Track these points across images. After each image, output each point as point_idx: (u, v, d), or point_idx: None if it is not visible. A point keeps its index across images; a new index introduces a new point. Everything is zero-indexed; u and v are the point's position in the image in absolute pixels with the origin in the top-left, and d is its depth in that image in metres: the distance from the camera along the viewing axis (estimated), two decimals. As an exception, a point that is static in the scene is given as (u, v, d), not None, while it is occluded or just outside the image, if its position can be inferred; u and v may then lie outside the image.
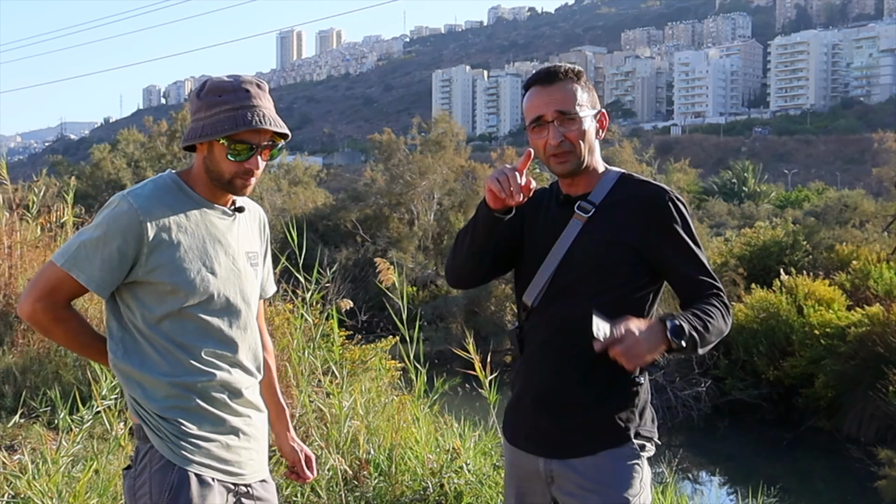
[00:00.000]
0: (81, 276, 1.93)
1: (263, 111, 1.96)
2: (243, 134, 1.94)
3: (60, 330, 2.04)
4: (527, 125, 2.16)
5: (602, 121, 2.19)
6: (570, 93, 2.11)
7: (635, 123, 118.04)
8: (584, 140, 2.12)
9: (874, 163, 37.88)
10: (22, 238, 6.35)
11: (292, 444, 2.34)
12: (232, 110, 1.93)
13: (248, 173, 1.99)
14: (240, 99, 1.95)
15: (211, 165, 1.99)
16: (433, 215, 28.16)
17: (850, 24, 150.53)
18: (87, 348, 2.08)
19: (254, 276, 2.13)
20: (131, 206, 1.93)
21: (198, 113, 1.98)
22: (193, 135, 1.97)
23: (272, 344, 2.36)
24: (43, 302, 1.97)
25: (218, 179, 2.00)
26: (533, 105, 2.14)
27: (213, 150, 1.97)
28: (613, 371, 2.06)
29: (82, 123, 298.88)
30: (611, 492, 2.05)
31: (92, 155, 38.89)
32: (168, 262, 1.94)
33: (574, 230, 2.13)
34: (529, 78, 2.20)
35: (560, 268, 2.13)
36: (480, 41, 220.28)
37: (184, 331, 1.97)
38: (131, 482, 1.99)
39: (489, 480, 3.79)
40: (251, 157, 1.97)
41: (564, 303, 2.11)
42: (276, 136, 2.01)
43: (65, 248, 1.97)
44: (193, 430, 1.97)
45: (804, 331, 14.76)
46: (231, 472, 2.02)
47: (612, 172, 2.20)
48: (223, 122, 1.93)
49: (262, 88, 2.00)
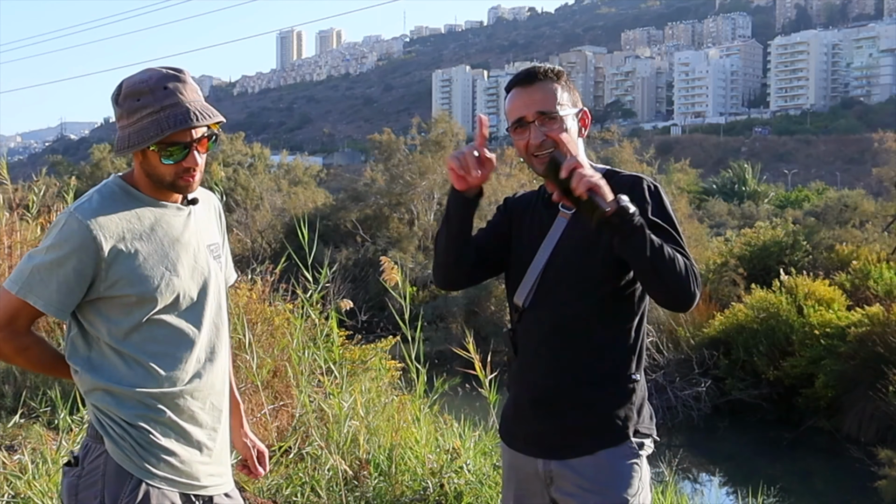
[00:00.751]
0: (39, 302, 1.84)
1: (187, 106, 1.84)
2: (172, 136, 1.84)
3: (22, 358, 1.98)
4: (509, 127, 2.16)
5: (584, 119, 2.19)
6: (551, 93, 2.12)
7: (635, 123, 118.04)
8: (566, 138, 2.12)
9: (874, 163, 37.82)
10: (22, 238, 6.35)
11: (244, 439, 2.28)
12: (153, 114, 1.83)
13: (188, 171, 1.91)
14: (159, 100, 1.83)
15: (149, 170, 1.91)
16: (433, 215, 28.15)
17: (850, 24, 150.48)
18: (51, 370, 2.02)
19: (218, 269, 2.06)
20: (81, 223, 1.83)
21: (121, 121, 1.88)
22: (122, 145, 1.87)
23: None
24: (3, 332, 1.89)
25: (160, 183, 1.92)
26: (514, 106, 2.14)
27: (147, 157, 1.88)
28: (609, 369, 2.07)
29: (82, 123, 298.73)
30: (610, 491, 2.05)
31: (92, 155, 38.97)
32: (128, 272, 1.86)
33: (559, 228, 2.15)
34: (510, 80, 2.21)
35: (547, 267, 2.14)
36: (480, 41, 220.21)
37: (154, 339, 1.91)
38: (73, 480, 1.90)
39: (489, 480, 3.79)
40: (187, 156, 1.88)
41: (555, 302, 2.12)
42: (209, 130, 1.91)
43: (17, 273, 1.87)
44: (160, 441, 1.91)
45: (804, 331, 14.75)
46: (191, 486, 1.97)
47: (596, 168, 2.19)
48: (147, 129, 1.82)
49: (182, 79, 1.87)
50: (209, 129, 1.91)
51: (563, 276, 2.12)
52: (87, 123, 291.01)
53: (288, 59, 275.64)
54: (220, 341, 2.04)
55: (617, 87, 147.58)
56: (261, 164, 40.25)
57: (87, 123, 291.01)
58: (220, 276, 2.08)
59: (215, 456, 2.03)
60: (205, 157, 1.95)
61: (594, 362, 2.08)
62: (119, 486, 1.87)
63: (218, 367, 2.03)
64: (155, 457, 1.91)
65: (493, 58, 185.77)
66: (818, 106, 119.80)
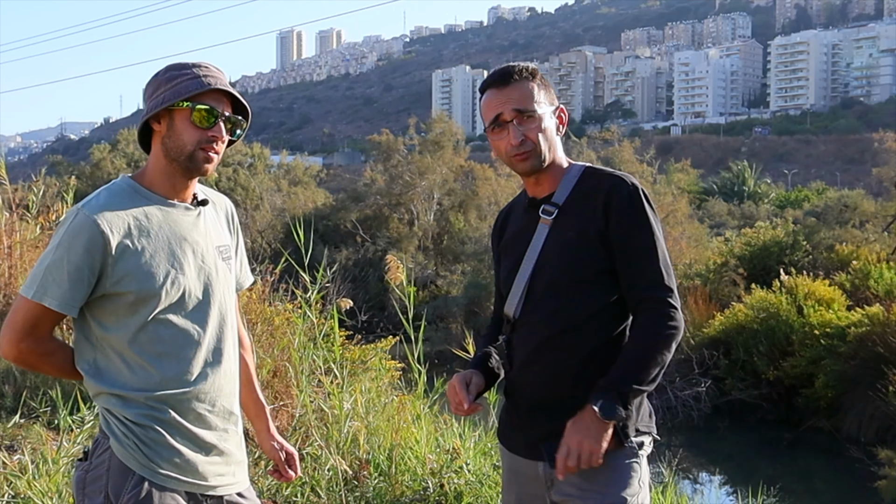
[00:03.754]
0: (54, 303, 1.85)
1: (223, 82, 1.96)
2: (206, 97, 1.91)
3: (47, 365, 1.98)
4: (486, 127, 2.14)
5: (561, 116, 2.17)
6: (527, 91, 2.09)
7: (635, 123, 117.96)
8: (544, 137, 2.10)
9: (874, 163, 37.80)
10: (22, 238, 6.36)
11: (272, 442, 2.26)
12: (194, 77, 1.92)
13: (212, 142, 1.93)
14: (201, 70, 1.94)
15: (171, 142, 1.93)
16: (433, 215, 28.17)
17: (850, 24, 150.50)
18: (73, 373, 2.01)
19: (227, 270, 2.05)
20: (88, 218, 1.85)
21: (157, 90, 1.94)
22: (155, 105, 1.92)
23: (249, 341, 2.31)
24: (27, 341, 1.90)
25: (179, 154, 1.92)
26: (490, 106, 2.11)
27: (174, 122, 1.92)
28: (603, 372, 2.04)
29: (82, 123, 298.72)
30: (609, 491, 2.04)
31: (92, 155, 38.93)
32: (134, 269, 1.87)
33: (542, 235, 2.11)
34: (484, 81, 2.18)
35: (534, 275, 2.11)
36: (480, 41, 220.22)
37: (159, 339, 1.90)
38: (82, 474, 1.92)
39: (489, 480, 3.79)
40: (215, 125, 1.92)
41: (545, 311, 2.09)
42: (237, 116, 1.98)
43: (31, 278, 1.89)
44: (164, 440, 1.91)
45: (804, 331, 14.74)
46: (198, 485, 1.96)
47: (575, 168, 2.17)
48: (185, 87, 1.90)
49: (220, 70, 1.99)
50: (240, 120, 1.99)
51: (551, 285, 2.09)
52: (87, 123, 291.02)
53: (288, 59, 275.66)
54: (226, 343, 2.03)
55: (617, 87, 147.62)
56: (261, 164, 40.24)
57: (87, 123, 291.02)
58: (229, 278, 2.07)
59: (226, 456, 2.02)
60: (224, 145, 1.98)
61: (590, 367, 2.05)
62: (122, 482, 1.87)
63: (225, 368, 2.02)
64: (159, 455, 1.90)
65: (493, 58, 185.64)
66: (818, 106, 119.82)
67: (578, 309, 2.06)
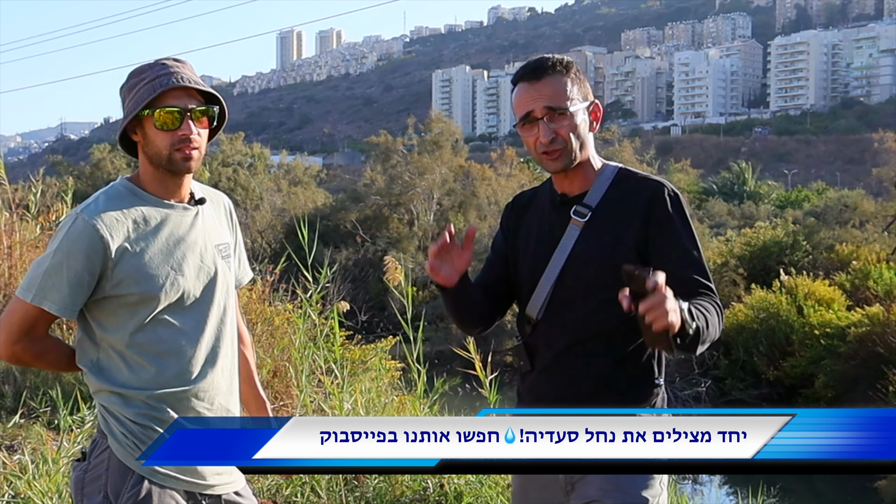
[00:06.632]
0: (54, 308, 1.88)
1: (182, 75, 1.91)
2: (167, 98, 1.89)
3: (42, 362, 2.02)
4: (517, 122, 2.08)
5: (595, 112, 2.10)
6: (560, 86, 2.03)
7: (635, 123, 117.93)
8: (575, 135, 2.03)
9: (874, 163, 37.87)
10: (22, 238, 6.36)
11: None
12: (150, 81, 1.90)
13: (185, 141, 1.91)
14: (156, 71, 1.91)
15: (149, 151, 1.93)
16: (433, 215, 28.16)
17: (850, 24, 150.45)
18: (68, 367, 2.03)
19: (226, 268, 2.06)
20: (87, 223, 1.87)
21: (124, 102, 1.95)
22: (124, 120, 1.92)
23: (249, 337, 2.30)
24: (22, 343, 1.92)
25: (159, 161, 1.93)
26: (521, 101, 2.05)
27: (146, 131, 1.92)
28: (632, 379, 2.02)
29: (82, 123, 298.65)
30: (630, 491, 2.00)
31: (92, 155, 38.95)
32: (134, 271, 1.89)
33: (573, 236, 2.06)
34: (517, 72, 2.11)
35: (561, 277, 2.05)
36: (480, 41, 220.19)
37: (158, 339, 1.92)
38: (80, 475, 1.93)
39: (489, 480, 3.79)
40: (182, 123, 1.90)
41: (571, 315, 2.04)
42: (209, 103, 1.95)
43: (28, 281, 1.90)
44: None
45: (804, 331, 14.76)
46: (196, 484, 1.97)
47: (609, 168, 2.12)
48: (142, 95, 1.89)
49: (182, 62, 1.95)
50: (208, 108, 1.95)
51: (579, 289, 2.04)
52: (87, 123, 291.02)
53: (288, 59, 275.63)
54: (224, 342, 2.04)
55: (617, 87, 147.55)
56: (261, 165, 40.22)
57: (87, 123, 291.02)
58: (229, 276, 2.08)
59: None
60: (205, 135, 1.96)
61: (616, 373, 2.01)
62: (121, 482, 1.88)
63: (223, 367, 2.03)
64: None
65: (493, 58, 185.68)
66: (818, 106, 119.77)
67: (605, 317, 2.00)
